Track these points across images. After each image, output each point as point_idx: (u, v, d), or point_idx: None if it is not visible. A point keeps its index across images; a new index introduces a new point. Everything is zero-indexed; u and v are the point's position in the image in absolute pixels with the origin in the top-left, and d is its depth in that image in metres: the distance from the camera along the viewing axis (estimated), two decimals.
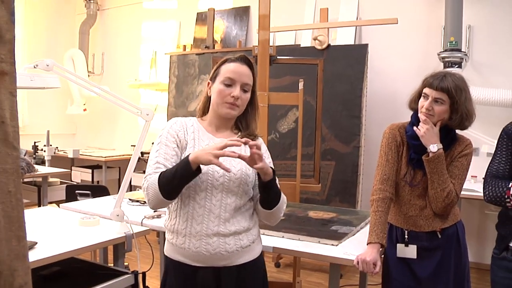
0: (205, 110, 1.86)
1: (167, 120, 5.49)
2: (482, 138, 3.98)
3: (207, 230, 1.67)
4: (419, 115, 2.05)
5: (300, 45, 5.16)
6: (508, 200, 1.83)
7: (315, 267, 4.49)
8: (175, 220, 1.73)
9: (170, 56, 5.66)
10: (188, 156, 1.60)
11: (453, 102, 1.97)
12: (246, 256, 1.76)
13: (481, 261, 4.31)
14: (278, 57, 3.49)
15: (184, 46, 5.67)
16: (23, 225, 0.48)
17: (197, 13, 6.04)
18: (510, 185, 1.84)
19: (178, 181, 1.60)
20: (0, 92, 0.43)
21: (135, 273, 2.28)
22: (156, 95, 6.47)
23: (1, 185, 0.45)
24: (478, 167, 2.12)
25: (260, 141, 1.86)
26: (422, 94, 2.04)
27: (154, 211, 2.68)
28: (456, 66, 4.24)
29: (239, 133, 1.84)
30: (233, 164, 1.72)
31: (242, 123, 1.86)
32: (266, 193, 1.73)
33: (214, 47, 5.37)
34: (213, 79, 1.79)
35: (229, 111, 1.74)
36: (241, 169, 1.73)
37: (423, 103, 2.02)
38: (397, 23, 4.00)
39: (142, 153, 5.16)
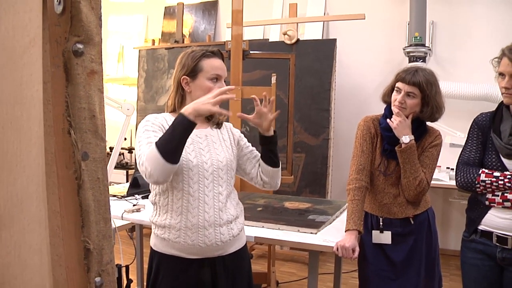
0: (178, 106, 1.82)
1: (137, 115, 5.47)
2: (445, 130, 4.16)
3: (204, 222, 1.70)
4: (392, 108, 2.15)
5: (268, 39, 5.23)
6: (478, 185, 1.96)
7: (287, 258, 4.60)
8: (166, 215, 1.74)
9: (139, 50, 5.63)
10: (180, 114, 1.58)
11: (424, 95, 2.08)
12: (236, 244, 1.83)
13: (445, 247, 4.51)
14: (250, 52, 3.55)
15: (153, 41, 5.65)
16: (109, 208, 0.53)
17: (165, 7, 6.02)
18: (480, 172, 1.98)
19: (178, 138, 1.56)
20: (90, 89, 0.48)
21: (119, 266, 2.31)
22: (124, 90, 6.42)
23: (91, 172, 0.50)
24: (442, 157, 2.24)
25: (235, 129, 1.98)
26: (395, 88, 2.14)
27: (135, 203, 2.70)
28: (421, 60, 4.41)
29: (210, 122, 1.88)
30: (217, 153, 1.78)
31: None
32: (272, 149, 1.84)
33: (183, 42, 5.37)
34: (192, 75, 1.76)
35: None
36: (225, 156, 1.80)
37: (396, 97, 2.13)
38: (364, 18, 4.13)
39: (111, 148, 5.13)
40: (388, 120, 2.15)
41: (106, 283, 0.52)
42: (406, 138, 2.10)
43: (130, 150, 5.82)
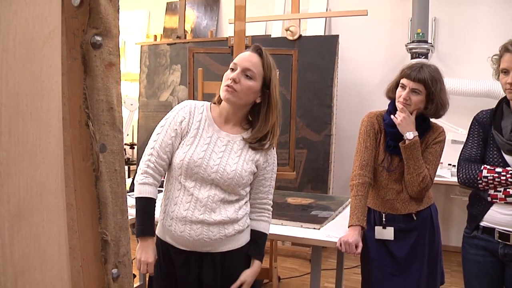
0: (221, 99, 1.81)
1: (138, 110, 5.46)
2: (447, 126, 4.16)
3: (192, 217, 1.68)
4: (396, 104, 2.15)
5: (270, 35, 5.23)
6: (480, 182, 1.97)
7: (289, 253, 4.60)
8: (167, 202, 1.77)
9: (141, 46, 5.62)
10: (139, 233, 1.75)
11: (429, 92, 2.08)
12: (231, 245, 1.77)
13: (446, 243, 4.50)
14: None
15: (155, 36, 5.64)
16: (126, 200, 0.54)
17: (167, 2, 6.01)
18: (482, 168, 1.98)
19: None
20: (108, 81, 0.49)
21: None
22: (126, 85, 6.41)
23: (109, 164, 0.50)
24: (444, 154, 2.24)
25: (272, 151, 1.85)
26: (400, 84, 2.14)
27: None
28: (423, 57, 4.40)
29: (247, 131, 1.81)
30: (229, 163, 1.71)
31: (253, 120, 1.81)
32: None
33: (185, 37, 5.37)
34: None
35: (225, 94, 1.70)
36: (236, 170, 1.71)
37: (400, 93, 2.12)
38: (367, 14, 4.11)
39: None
40: (392, 116, 2.15)
41: (123, 275, 0.52)
42: (410, 134, 2.10)
43: (132, 146, 5.82)
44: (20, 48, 0.41)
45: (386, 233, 2.23)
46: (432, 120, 2.23)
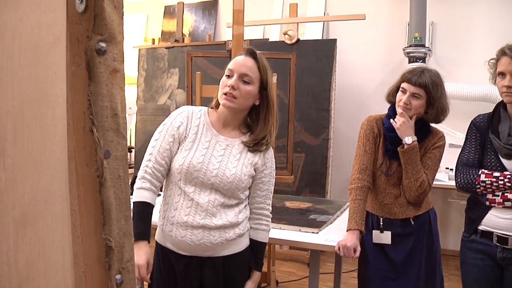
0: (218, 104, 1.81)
1: (136, 114, 5.45)
2: (444, 130, 4.16)
3: (193, 222, 1.68)
4: (396, 108, 2.16)
5: (268, 39, 5.23)
6: (479, 186, 1.97)
7: (287, 257, 4.60)
8: (167, 207, 1.76)
9: (139, 49, 5.62)
10: (136, 237, 1.67)
11: (430, 97, 2.08)
12: (232, 248, 1.77)
13: (444, 247, 4.49)
14: None
15: (153, 40, 5.65)
16: (130, 206, 0.54)
17: (165, 6, 6.01)
18: (480, 173, 1.99)
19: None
20: (113, 88, 0.49)
21: None
22: None
23: (113, 170, 0.50)
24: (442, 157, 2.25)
25: (270, 155, 1.85)
26: (400, 89, 2.14)
27: None
28: (420, 61, 4.41)
29: (246, 135, 1.81)
30: (229, 167, 1.72)
31: (252, 123, 1.82)
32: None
33: (183, 41, 5.37)
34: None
35: (225, 102, 1.70)
36: (235, 173, 1.71)
37: (401, 97, 2.12)
38: (364, 19, 4.13)
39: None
40: (391, 120, 2.15)
41: (126, 281, 0.52)
42: (409, 139, 2.10)
43: (130, 149, 5.81)
44: (25, 55, 0.41)
45: (384, 237, 2.23)
46: (432, 124, 2.23)
